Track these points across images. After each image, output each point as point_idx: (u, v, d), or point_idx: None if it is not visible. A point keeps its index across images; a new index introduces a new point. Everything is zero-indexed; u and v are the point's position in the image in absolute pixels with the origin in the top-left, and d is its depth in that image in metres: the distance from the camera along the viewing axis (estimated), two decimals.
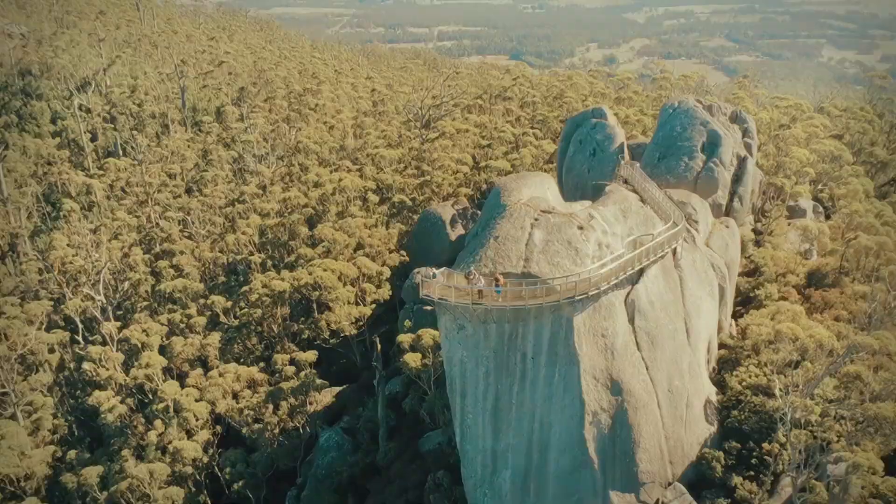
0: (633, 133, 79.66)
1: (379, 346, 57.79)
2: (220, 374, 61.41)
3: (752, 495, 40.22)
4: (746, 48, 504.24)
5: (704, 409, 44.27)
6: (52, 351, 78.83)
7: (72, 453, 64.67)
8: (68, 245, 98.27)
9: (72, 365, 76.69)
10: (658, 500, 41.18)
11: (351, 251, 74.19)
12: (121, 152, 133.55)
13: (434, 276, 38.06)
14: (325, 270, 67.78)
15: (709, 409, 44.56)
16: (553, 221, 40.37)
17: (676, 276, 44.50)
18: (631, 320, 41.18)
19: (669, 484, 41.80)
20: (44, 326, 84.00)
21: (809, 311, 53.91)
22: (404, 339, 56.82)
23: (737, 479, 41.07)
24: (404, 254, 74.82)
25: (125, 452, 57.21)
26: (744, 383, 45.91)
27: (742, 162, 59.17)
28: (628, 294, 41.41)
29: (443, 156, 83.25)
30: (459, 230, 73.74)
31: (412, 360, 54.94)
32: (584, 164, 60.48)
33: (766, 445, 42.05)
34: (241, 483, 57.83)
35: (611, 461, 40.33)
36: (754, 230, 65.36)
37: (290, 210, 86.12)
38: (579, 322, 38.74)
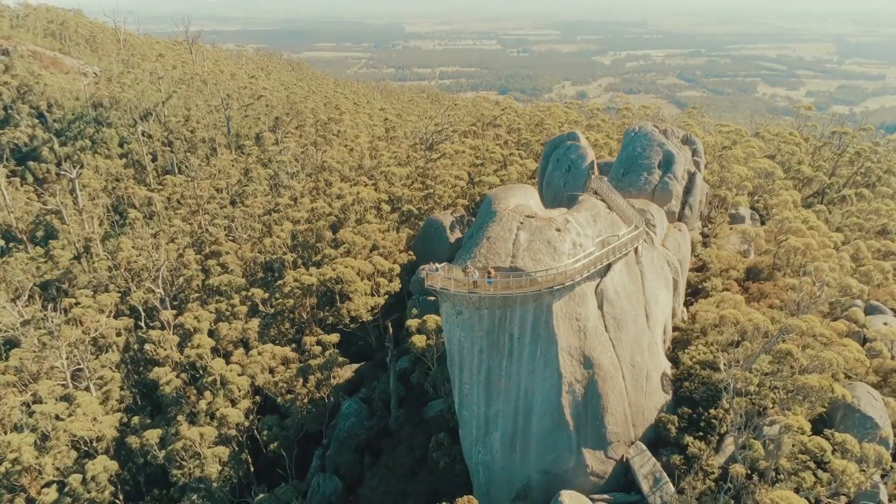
0: (601, 154, 79.54)
1: (391, 330, 57.53)
2: (259, 353, 61.05)
3: (701, 452, 39.97)
4: (694, 85, 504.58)
5: (661, 381, 44.00)
6: (119, 335, 78.72)
7: (135, 419, 64.31)
8: (133, 247, 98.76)
9: (136, 346, 76.47)
10: (623, 455, 40.95)
11: (367, 251, 73.98)
12: (176, 171, 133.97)
13: (437, 269, 37.88)
14: (345, 267, 67.59)
15: (665, 381, 44.31)
16: (535, 225, 40.17)
17: (638, 271, 44.27)
18: (600, 306, 40.94)
19: (632, 443, 41.53)
20: (112, 315, 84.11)
21: (748, 300, 53.72)
22: (412, 323, 56.56)
23: (688, 439, 40.85)
24: (412, 253, 74.60)
25: (180, 418, 56.93)
26: (694, 359, 45.69)
27: (692, 177, 59.01)
28: (598, 285, 41.18)
29: (443, 172, 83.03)
30: (457, 234, 73.54)
31: (418, 341, 54.66)
32: (560, 179, 60.23)
33: (712, 411, 41.84)
34: (276, 444, 57.53)
35: (583, 424, 40.07)
36: (702, 233, 65.18)
37: (316, 218, 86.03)
38: (557, 308, 38.52)
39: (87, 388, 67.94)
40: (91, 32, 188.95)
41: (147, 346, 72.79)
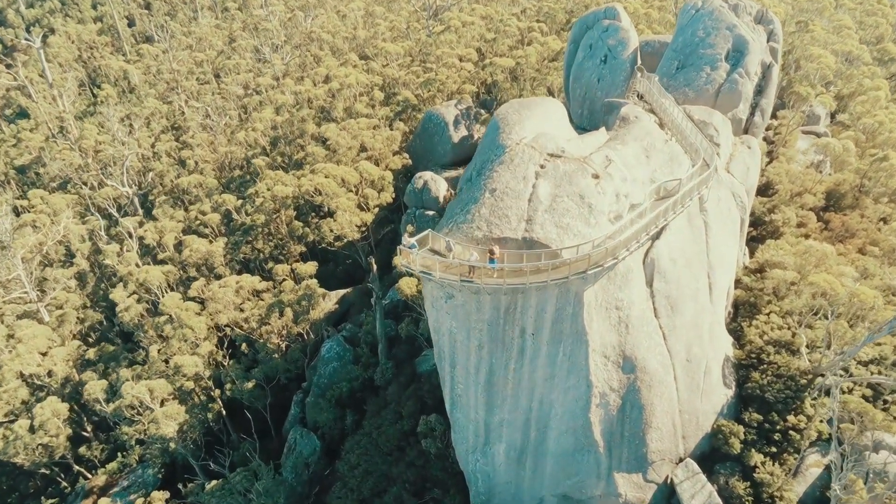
0: (638, 27, 62.71)
1: (375, 268, 45.86)
2: (222, 287, 49.75)
3: (774, 477, 29.18)
4: None
5: (722, 370, 32.41)
6: (83, 241, 68.03)
7: (91, 352, 54.93)
8: (100, 133, 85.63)
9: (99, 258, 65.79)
10: (667, 477, 30.33)
11: (355, 153, 60.46)
12: (156, 38, 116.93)
13: (413, 245, 25.25)
14: (326, 177, 54.64)
15: (726, 370, 32.64)
16: (563, 169, 26.80)
17: (701, 223, 31.23)
18: (649, 283, 28.54)
19: (680, 460, 30.77)
20: (80, 215, 73.26)
21: (831, 239, 40.89)
22: (400, 262, 44.63)
23: (757, 457, 29.88)
24: (407, 156, 61.07)
25: (123, 371, 46.92)
26: (765, 337, 33.73)
27: (767, 70, 43.68)
28: (647, 252, 28.53)
29: (447, 52, 67.05)
30: (462, 132, 59.64)
31: (406, 286, 43.20)
32: (593, 73, 45.30)
33: (791, 418, 30.53)
34: (244, 396, 47.90)
35: (618, 444, 29.05)
36: (765, 139, 50.80)
37: (299, 105, 71.63)
38: (590, 296, 26.22)
39: (38, 312, 58.53)
40: None
41: (106, 261, 62.22)
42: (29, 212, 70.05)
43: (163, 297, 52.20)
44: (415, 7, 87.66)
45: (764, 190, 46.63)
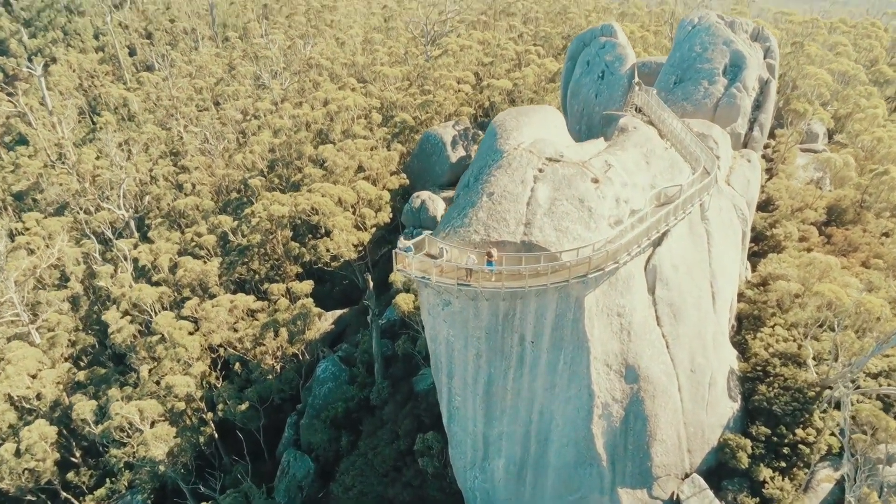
0: (634, 50, 62.99)
1: (371, 284, 45.07)
2: (215, 307, 48.81)
3: (784, 493, 28.06)
4: None
5: (727, 382, 31.48)
6: (77, 263, 67.30)
7: (81, 374, 53.82)
8: (98, 157, 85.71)
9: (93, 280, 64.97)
10: (673, 493, 29.17)
11: (352, 174, 60.14)
12: (157, 66, 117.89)
13: (410, 248, 24.59)
14: (323, 196, 54.19)
15: (731, 382, 31.71)
16: (561, 173, 26.31)
17: (703, 231, 30.67)
18: (651, 290, 27.83)
19: (686, 475, 29.65)
20: (76, 238, 72.75)
21: (833, 252, 40.25)
22: (396, 278, 44.09)
23: (765, 472, 28.77)
24: (405, 176, 60.74)
25: (112, 392, 45.74)
26: (770, 349, 32.89)
27: (765, 86, 43.72)
28: (649, 259, 27.89)
29: (445, 74, 67.29)
30: (460, 152, 59.47)
31: (404, 302, 42.40)
32: (591, 88, 45.22)
33: (800, 431, 29.51)
34: (237, 417, 46.62)
35: (621, 457, 28.00)
36: (764, 157, 50.53)
37: (297, 128, 71.62)
38: (591, 302, 25.48)
39: (29, 334, 57.53)
40: None
41: (100, 282, 61.36)
42: (24, 234, 69.45)
43: (155, 316, 51.31)
44: (413, 34, 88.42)
45: (764, 206, 46.19)
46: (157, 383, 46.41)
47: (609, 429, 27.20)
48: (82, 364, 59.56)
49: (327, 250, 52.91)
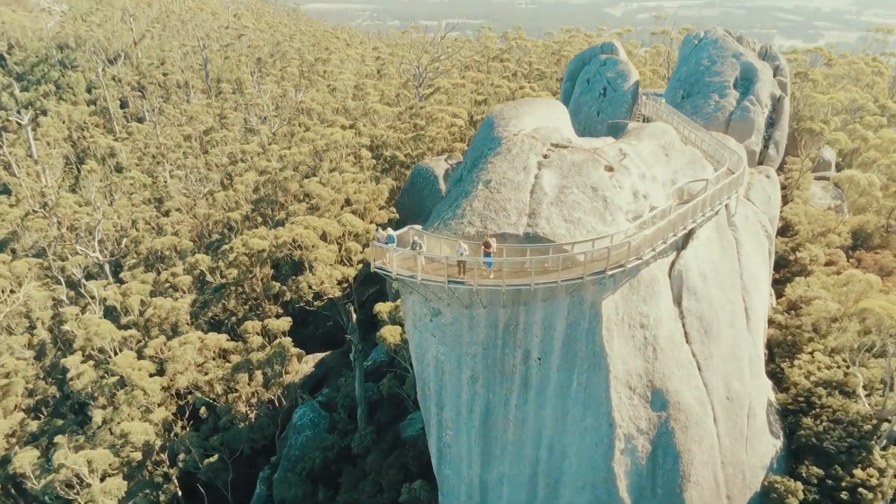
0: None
1: (354, 316, 40.43)
2: (182, 345, 43.75)
3: None
4: None
5: (766, 415, 26.62)
6: (44, 309, 62.39)
7: (33, 424, 48.28)
8: (78, 203, 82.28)
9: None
10: None
11: (339, 208, 56.22)
12: (148, 119, 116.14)
13: (391, 239, 20.25)
14: (305, 228, 49.98)
15: (771, 416, 26.90)
16: (570, 159, 22.31)
17: (732, 239, 26.52)
18: (677, 301, 23.39)
19: None
20: (52, 282, 68.28)
21: None
22: (382, 308, 39.54)
23: None
24: (394, 210, 56.78)
25: (60, 439, 40.22)
26: (812, 378, 28.19)
27: (778, 103, 40.60)
28: (673, 265, 23.58)
29: (436, 108, 64.51)
30: None
31: (390, 334, 37.65)
32: (592, 106, 41.98)
33: (859, 472, 24.53)
34: (202, 471, 40.98)
35: (649, 502, 22.91)
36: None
37: (283, 167, 68.23)
38: (609, 308, 21.00)
39: None
40: None
41: (66, 326, 56.38)
42: None
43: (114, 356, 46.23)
44: (405, 77, 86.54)
45: (782, 231, 42.29)
46: (112, 431, 40.97)
47: (634, 467, 22.20)
48: (43, 415, 53.96)
49: (309, 287, 48.33)
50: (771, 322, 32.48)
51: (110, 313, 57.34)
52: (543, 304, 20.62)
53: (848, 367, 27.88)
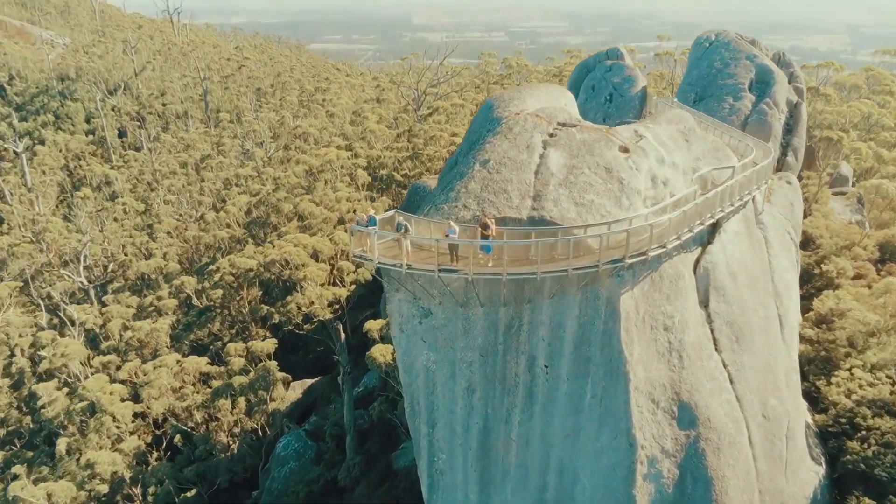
0: None
1: (343, 336, 37.28)
2: (156, 367, 40.38)
3: None
4: None
5: (805, 438, 23.22)
6: (22, 336, 59.22)
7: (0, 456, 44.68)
8: (67, 228, 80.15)
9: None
10: None
11: (332, 227, 53.49)
12: (145, 148, 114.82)
13: (371, 222, 17.31)
14: (295, 246, 47.12)
15: (810, 439, 23.52)
16: (580, 138, 19.52)
17: (761, 237, 23.57)
18: (704, 303, 20.30)
19: None
20: (33, 307, 65.55)
21: None
22: (372, 326, 36.34)
23: None
24: None
25: (18, 469, 36.64)
26: (854, 396, 24.87)
27: (795, 109, 38.09)
28: (698, 260, 20.56)
29: (435, 128, 62.30)
30: None
31: (380, 353, 34.38)
32: (598, 112, 39.50)
33: None
34: (177, 503, 37.22)
35: None
36: None
37: (276, 188, 65.84)
38: (628, 305, 17.91)
39: None
40: (66, 3, 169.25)
41: (42, 352, 53.09)
42: None
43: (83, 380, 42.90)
44: (405, 103, 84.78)
45: (804, 246, 39.33)
46: (78, 462, 37.36)
47: (658, 496, 18.76)
48: (16, 448, 50.31)
49: (298, 308, 45.22)
50: (801, 338, 29.26)
51: (92, 339, 54.22)
52: (551, 300, 17.55)
53: (893, 383, 24.61)
